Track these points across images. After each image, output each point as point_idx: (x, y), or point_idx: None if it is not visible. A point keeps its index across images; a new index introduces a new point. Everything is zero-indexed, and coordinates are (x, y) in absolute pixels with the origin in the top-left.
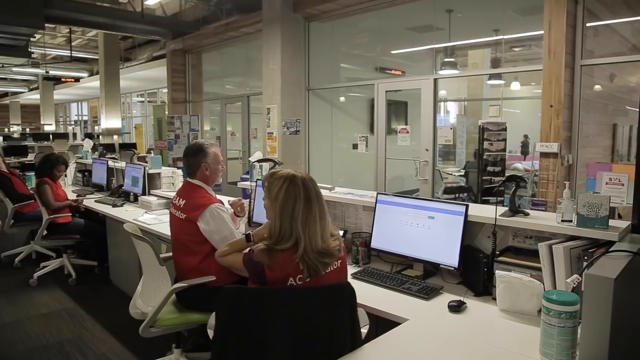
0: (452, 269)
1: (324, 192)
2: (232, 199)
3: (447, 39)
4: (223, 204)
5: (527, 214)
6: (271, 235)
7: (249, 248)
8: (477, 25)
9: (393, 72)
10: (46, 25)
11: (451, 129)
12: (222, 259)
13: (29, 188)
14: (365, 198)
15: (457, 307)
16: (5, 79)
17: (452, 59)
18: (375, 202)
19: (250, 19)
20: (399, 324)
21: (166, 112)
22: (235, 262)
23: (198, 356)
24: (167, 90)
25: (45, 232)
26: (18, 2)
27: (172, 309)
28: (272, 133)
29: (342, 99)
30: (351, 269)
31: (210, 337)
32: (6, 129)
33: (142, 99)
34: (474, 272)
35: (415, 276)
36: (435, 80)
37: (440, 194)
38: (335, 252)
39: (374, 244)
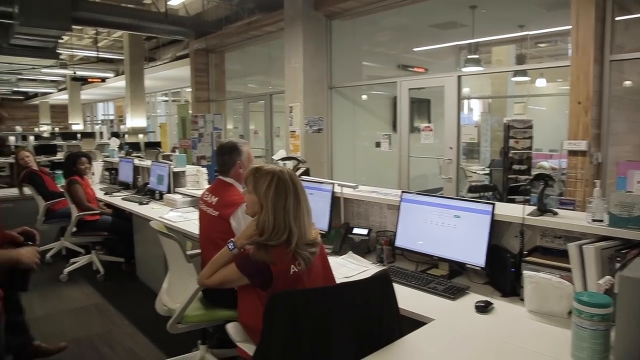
0: (479, 268)
1: (347, 191)
2: None
3: (470, 35)
4: None
5: (555, 213)
6: (263, 231)
7: (235, 255)
8: (501, 21)
9: (415, 69)
10: (73, 27)
11: (475, 126)
12: (211, 280)
13: (58, 186)
14: (389, 196)
15: (484, 308)
16: (35, 80)
17: (476, 56)
18: (400, 201)
19: (272, 17)
20: (424, 323)
21: (190, 111)
22: (227, 274)
23: (223, 352)
24: (190, 90)
25: (74, 229)
26: (46, 5)
27: (198, 305)
28: (295, 131)
29: (364, 97)
30: (376, 268)
31: (233, 335)
32: (36, 129)
33: (166, 98)
34: (501, 272)
35: (441, 276)
36: (459, 77)
37: (465, 193)
38: (317, 240)
39: (399, 242)
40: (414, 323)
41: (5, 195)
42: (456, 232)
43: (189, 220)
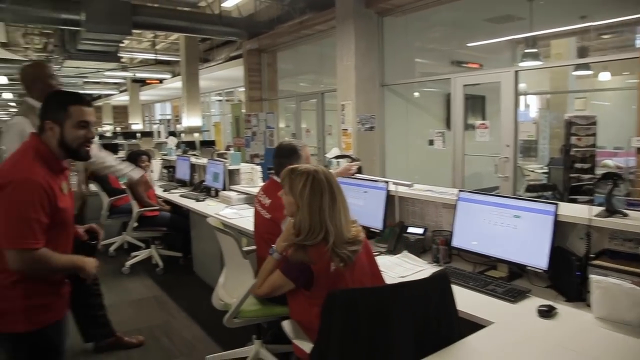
0: (541, 271)
1: (402, 189)
2: None
3: (528, 28)
4: None
5: (625, 215)
6: (300, 231)
7: (279, 260)
8: (561, 12)
9: (470, 65)
10: (133, 31)
11: (534, 123)
12: (262, 289)
13: (120, 183)
14: (446, 195)
15: (547, 312)
16: (99, 82)
17: (534, 50)
18: (457, 200)
19: (323, 16)
20: (482, 326)
21: (243, 110)
22: (274, 281)
23: (277, 348)
24: (244, 89)
25: (135, 224)
26: (110, 12)
27: (254, 301)
28: (347, 129)
29: (416, 94)
30: (432, 268)
31: (289, 332)
32: (99, 129)
33: (220, 98)
34: (566, 276)
35: (500, 277)
36: (516, 72)
37: (522, 192)
38: (360, 238)
39: (455, 242)
40: (472, 325)
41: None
42: (516, 232)
43: (243, 217)
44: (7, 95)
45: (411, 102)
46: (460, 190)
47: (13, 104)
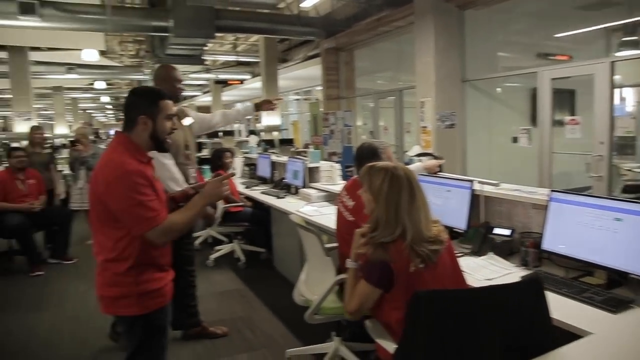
0: None
1: (488, 188)
2: None
3: (626, 14)
4: None
5: None
6: (377, 226)
7: (358, 269)
8: None
9: (558, 57)
10: (216, 34)
11: (633, 118)
12: (351, 305)
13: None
14: (536, 195)
15: None
16: (184, 84)
17: (635, 37)
18: (549, 200)
19: (401, 12)
20: (577, 336)
21: (321, 109)
22: (361, 292)
23: (357, 346)
24: (321, 88)
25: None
26: (195, 17)
27: (335, 298)
28: (426, 127)
29: (498, 89)
30: (520, 272)
31: (371, 331)
32: None
33: (298, 97)
34: None
35: (597, 285)
36: (612, 63)
37: (618, 193)
38: (442, 238)
39: (546, 245)
40: (566, 335)
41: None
42: (617, 236)
43: (323, 215)
44: (105, 99)
45: (494, 98)
46: (552, 190)
47: (110, 107)
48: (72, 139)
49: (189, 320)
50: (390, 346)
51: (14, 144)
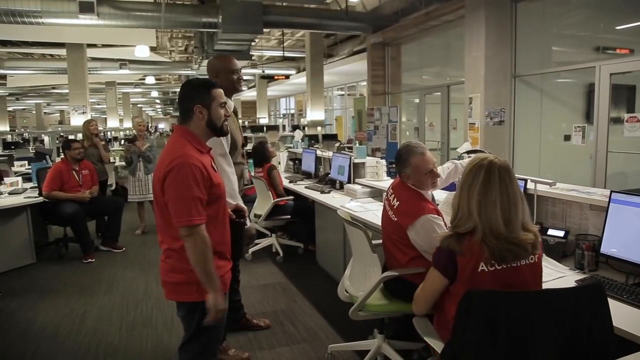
0: None
1: (542, 188)
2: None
3: None
4: (437, 213)
5: None
6: (455, 216)
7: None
8: None
9: (618, 51)
10: (264, 30)
11: None
12: (418, 300)
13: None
14: (594, 196)
15: None
16: None
17: None
18: (609, 201)
19: (451, 5)
20: (638, 347)
21: (366, 105)
22: (428, 281)
23: (400, 344)
24: (366, 83)
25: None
26: (243, 13)
27: (379, 295)
28: (474, 124)
29: (551, 85)
30: (575, 275)
31: (420, 329)
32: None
33: (342, 92)
34: None
35: None
36: None
37: None
38: (525, 245)
39: (605, 249)
40: (627, 344)
41: None
42: None
43: (369, 211)
44: (154, 94)
45: (545, 94)
46: (612, 191)
47: (158, 101)
48: (129, 137)
49: (233, 314)
50: (438, 345)
51: (71, 136)
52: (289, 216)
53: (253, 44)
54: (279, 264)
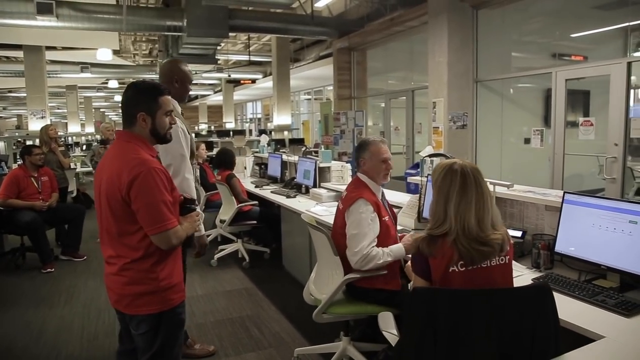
0: None
1: (501, 190)
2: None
3: None
4: (377, 206)
5: None
6: (431, 219)
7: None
8: None
9: (573, 58)
10: (229, 34)
11: None
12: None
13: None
14: (549, 197)
15: None
16: (196, 84)
17: None
18: (562, 202)
19: (415, 12)
20: (589, 340)
21: (332, 109)
22: (414, 281)
23: (366, 346)
24: (332, 88)
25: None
26: (209, 17)
27: (343, 298)
28: (438, 127)
29: (511, 90)
30: (531, 274)
31: (381, 324)
32: (196, 127)
33: (309, 97)
34: None
35: (610, 288)
36: (629, 64)
37: (632, 196)
38: (494, 243)
39: (559, 247)
40: (576, 339)
41: None
42: (632, 239)
43: (334, 215)
44: (118, 98)
45: (506, 98)
46: (565, 192)
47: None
48: (101, 139)
49: None
50: (394, 340)
51: (29, 142)
52: (254, 221)
53: (219, 47)
54: (245, 270)
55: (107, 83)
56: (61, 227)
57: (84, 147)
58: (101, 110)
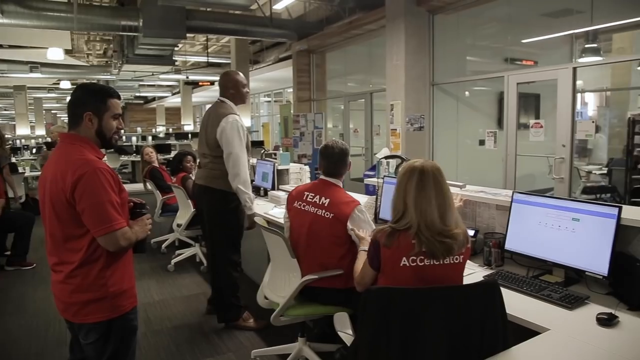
0: (600, 277)
1: (454, 190)
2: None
3: (588, 22)
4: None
5: None
6: (393, 215)
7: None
8: (626, 4)
9: (524, 62)
10: (187, 35)
11: (593, 122)
12: (358, 274)
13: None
14: (499, 197)
15: (607, 321)
16: (153, 85)
17: (595, 45)
18: (511, 202)
19: (373, 15)
20: (535, 333)
21: (292, 111)
22: (363, 261)
23: (322, 346)
24: (292, 90)
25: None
26: (165, 17)
27: (300, 300)
28: (396, 129)
29: (467, 93)
30: (483, 271)
31: (337, 324)
32: (153, 130)
33: (269, 99)
34: (629, 283)
35: (556, 282)
36: (575, 69)
37: (579, 194)
38: (457, 237)
39: (509, 245)
40: (524, 332)
41: (130, 190)
42: (574, 236)
43: None
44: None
45: (462, 101)
46: (514, 192)
47: None
48: (49, 142)
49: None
50: (349, 339)
51: None
52: None
53: (176, 49)
54: (204, 274)
55: (58, 84)
56: (4, 235)
57: (34, 150)
58: (52, 112)
